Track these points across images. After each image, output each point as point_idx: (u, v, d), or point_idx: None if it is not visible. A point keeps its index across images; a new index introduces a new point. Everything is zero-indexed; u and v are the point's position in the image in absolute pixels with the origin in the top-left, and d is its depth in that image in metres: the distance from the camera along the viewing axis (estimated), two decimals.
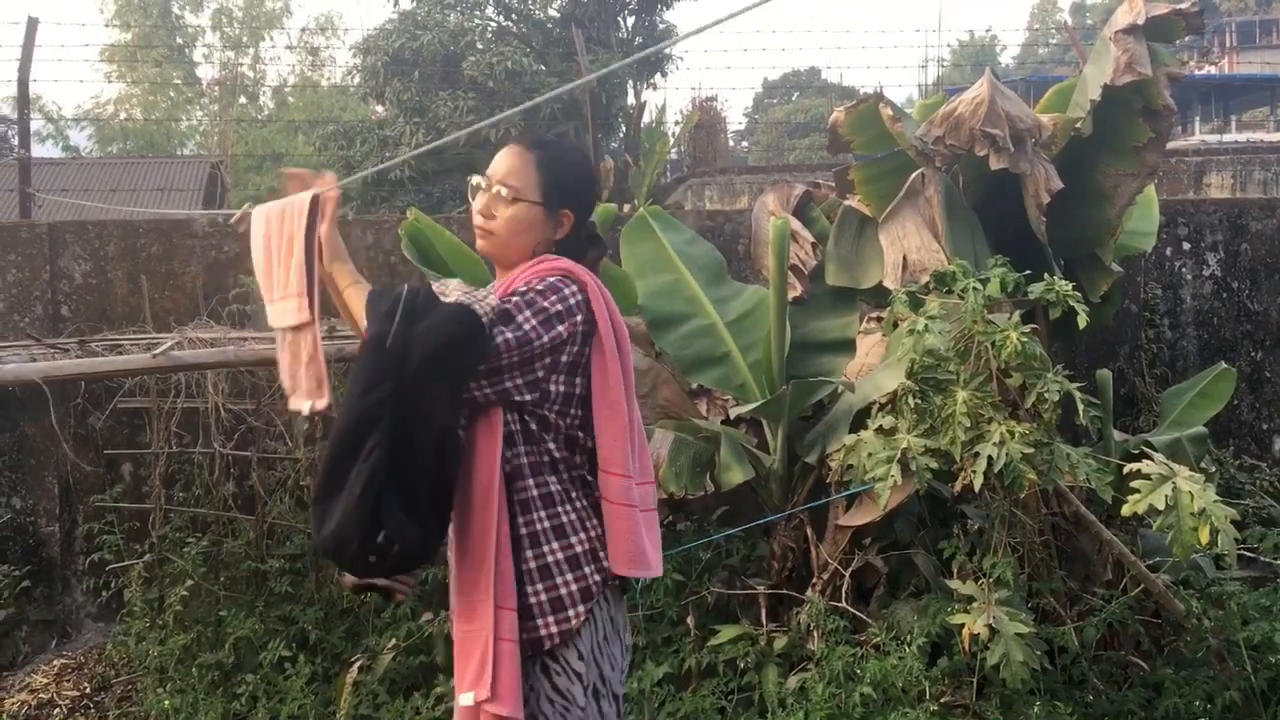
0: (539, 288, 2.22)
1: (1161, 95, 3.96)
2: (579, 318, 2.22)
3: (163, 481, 4.97)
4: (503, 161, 2.34)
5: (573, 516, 2.24)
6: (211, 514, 4.94)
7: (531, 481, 2.22)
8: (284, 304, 2.33)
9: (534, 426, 2.22)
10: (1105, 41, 4.01)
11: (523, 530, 2.20)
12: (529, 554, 2.19)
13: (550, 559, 2.20)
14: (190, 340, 4.14)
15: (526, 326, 2.15)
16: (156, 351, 3.49)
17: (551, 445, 2.25)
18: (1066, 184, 4.12)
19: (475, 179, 2.39)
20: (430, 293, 2.17)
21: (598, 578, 2.23)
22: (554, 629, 2.18)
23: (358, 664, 4.35)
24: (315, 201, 2.31)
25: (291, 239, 2.32)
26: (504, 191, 2.31)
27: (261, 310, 5.02)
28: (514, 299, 2.20)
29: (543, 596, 2.18)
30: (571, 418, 2.26)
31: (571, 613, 2.19)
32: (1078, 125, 4.20)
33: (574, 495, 2.26)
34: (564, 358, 2.21)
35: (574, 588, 2.20)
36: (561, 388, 2.23)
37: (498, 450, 2.18)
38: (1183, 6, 3.87)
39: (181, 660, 4.52)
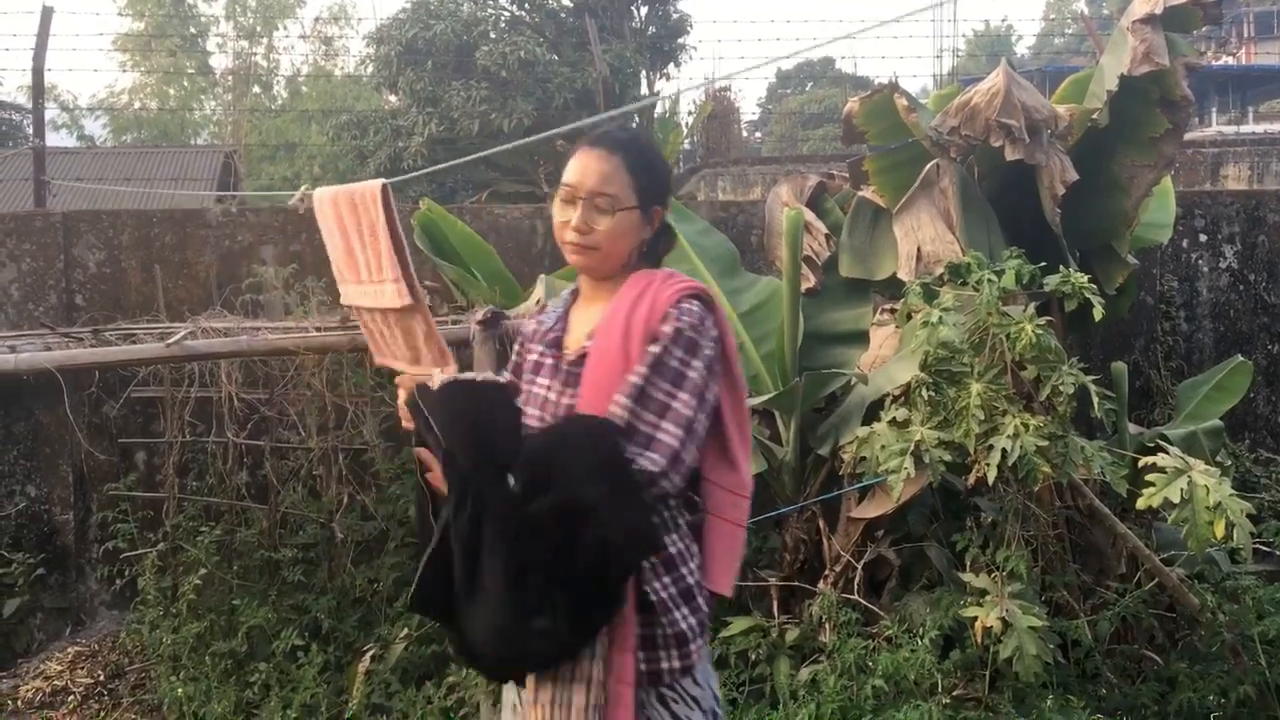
0: (689, 335, 2.06)
1: (1179, 86, 3.93)
2: (714, 351, 2.10)
3: (176, 470, 4.98)
4: (590, 169, 2.18)
5: (680, 546, 2.11)
6: (225, 503, 4.96)
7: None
8: (378, 287, 2.40)
9: None
10: (1122, 31, 3.98)
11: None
12: (645, 589, 2.05)
13: (665, 593, 2.07)
14: (203, 330, 4.15)
15: (697, 423, 2.03)
16: (170, 341, 3.49)
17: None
18: (1082, 175, 4.10)
19: (562, 193, 2.22)
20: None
21: (707, 608, 2.13)
22: (676, 663, 2.08)
23: (370, 653, 4.36)
24: (385, 191, 2.32)
25: (374, 225, 2.34)
26: (601, 202, 2.16)
27: (275, 299, 5.06)
28: (667, 374, 2.04)
29: (665, 631, 2.06)
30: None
31: (693, 646, 2.09)
32: (1094, 116, 4.17)
33: (680, 521, 2.13)
34: (710, 399, 2.09)
35: (692, 620, 2.09)
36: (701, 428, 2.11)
37: None
38: None
39: (195, 648, 4.54)
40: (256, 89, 34.55)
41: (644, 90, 17.80)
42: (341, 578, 4.74)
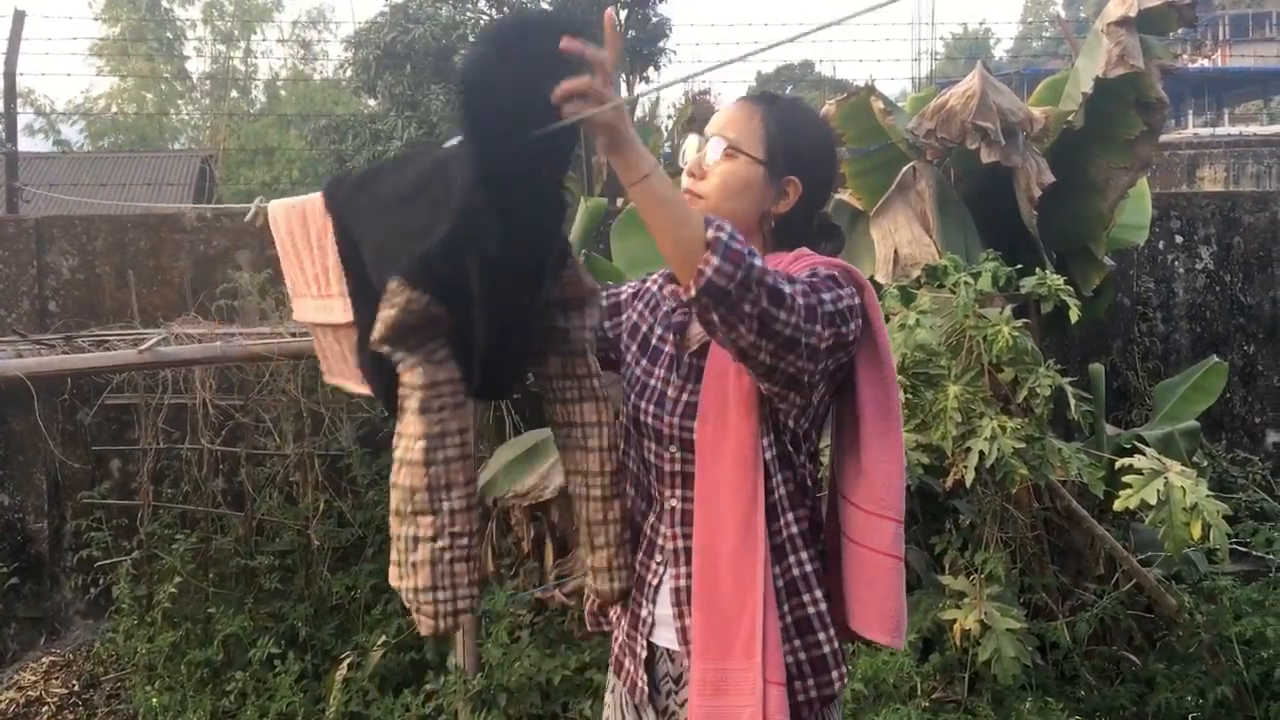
0: (807, 278, 1.77)
1: (1154, 88, 3.94)
2: (854, 324, 1.76)
3: (151, 478, 4.94)
4: (721, 115, 1.95)
5: (818, 563, 1.89)
6: (200, 510, 4.92)
7: (791, 516, 1.84)
8: (328, 301, 2.34)
9: (789, 446, 1.84)
10: (1097, 34, 3.99)
11: (780, 580, 1.83)
12: (785, 607, 1.82)
13: (810, 610, 1.84)
14: (177, 336, 4.11)
15: (814, 337, 1.69)
16: (143, 347, 3.46)
17: (807, 468, 1.88)
18: (1058, 177, 4.11)
19: (689, 143, 1.99)
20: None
21: (832, 648, 1.87)
22: (813, 693, 1.84)
23: (347, 661, 4.33)
24: (326, 199, 2.27)
25: (321, 237, 2.30)
26: (719, 145, 1.89)
27: (250, 304, 5.02)
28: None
29: (801, 655, 1.83)
30: (814, 440, 1.91)
31: (835, 674, 1.86)
32: (1070, 118, 4.18)
33: (807, 538, 1.88)
34: (830, 364, 1.76)
35: (836, 644, 1.86)
36: (818, 400, 1.84)
37: (758, 475, 1.79)
38: None
39: (170, 658, 4.50)
40: (234, 93, 34.39)
41: (623, 94, 17.76)
42: (318, 585, 4.71)
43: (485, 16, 17.82)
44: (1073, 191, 4.27)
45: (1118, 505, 3.17)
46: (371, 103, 18.72)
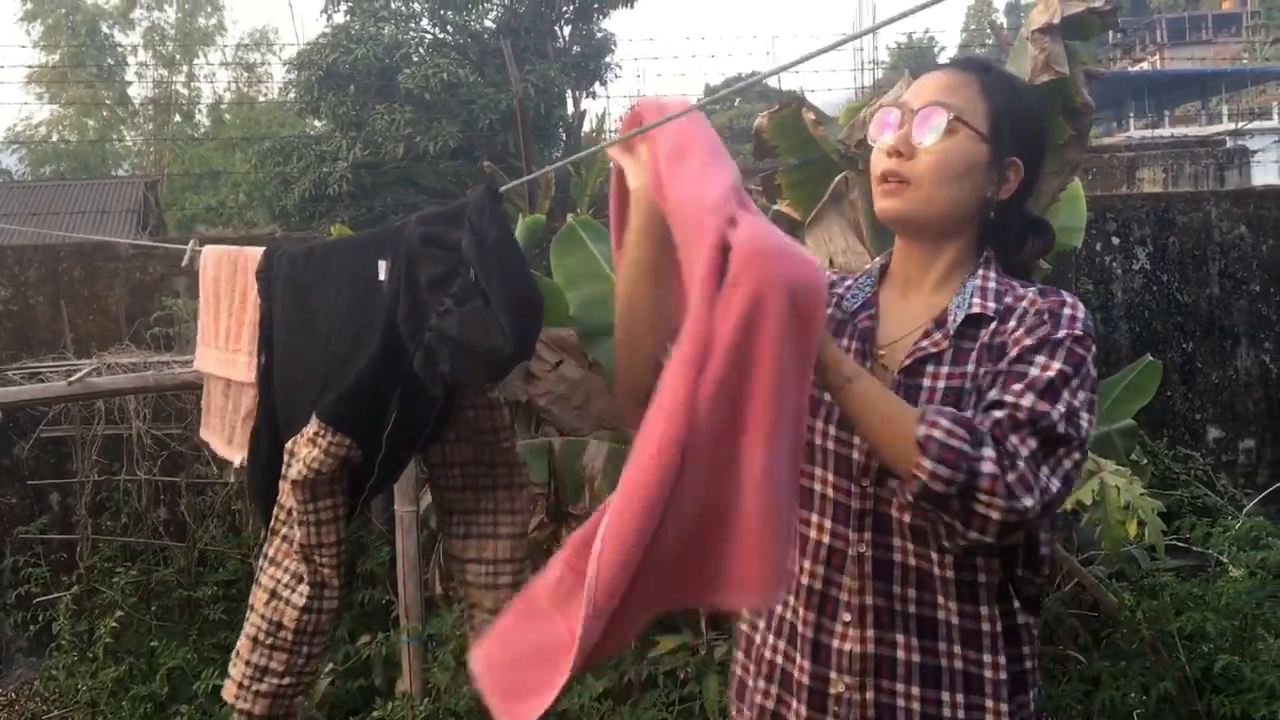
0: (1078, 331, 1.50)
1: (1080, 93, 3.98)
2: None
3: (90, 511, 4.86)
4: (928, 84, 1.61)
5: (1030, 664, 1.68)
6: (141, 542, 4.84)
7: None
8: (232, 356, 2.32)
9: None
10: (1023, 41, 4.03)
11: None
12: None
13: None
14: (109, 366, 4.05)
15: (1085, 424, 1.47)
16: (73, 379, 3.40)
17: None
18: None
19: (880, 117, 1.63)
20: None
21: None
22: None
23: None
24: (266, 261, 2.24)
25: (245, 294, 2.28)
26: (936, 116, 1.55)
27: (184, 333, 4.96)
28: (1067, 363, 1.46)
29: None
30: None
31: None
32: None
33: (1028, 624, 1.67)
34: None
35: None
36: None
37: None
38: (1097, 5, 3.89)
39: (114, 693, 4.42)
40: (178, 118, 34.05)
41: (569, 110, 17.80)
42: None
43: (428, 35, 17.79)
44: None
45: None
46: (317, 124, 18.61)
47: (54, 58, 32.74)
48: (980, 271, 1.61)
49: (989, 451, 1.36)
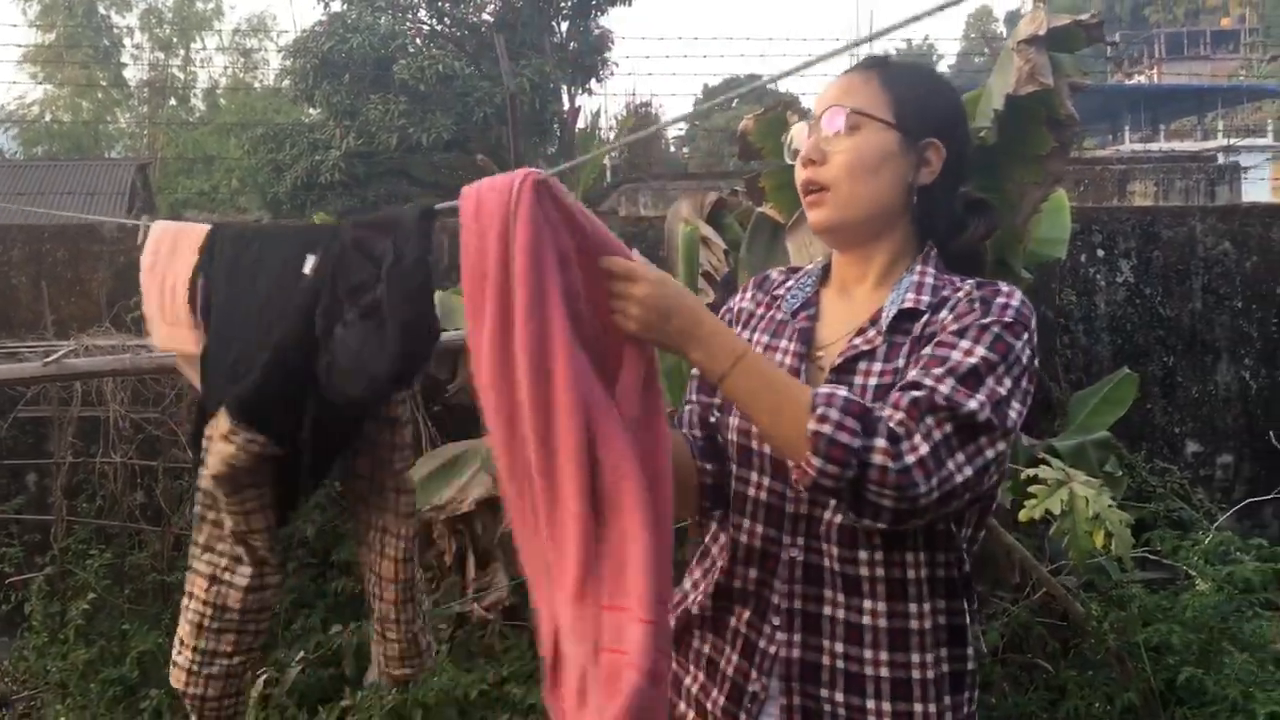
0: (1009, 318, 1.49)
1: (1064, 105, 4.00)
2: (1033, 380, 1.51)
3: (65, 492, 4.85)
4: (827, 92, 1.62)
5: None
6: (116, 525, 4.83)
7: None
8: (180, 332, 2.32)
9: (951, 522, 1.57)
10: (1009, 52, 4.05)
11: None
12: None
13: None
14: (87, 348, 4.05)
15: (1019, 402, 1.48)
16: (49, 359, 3.40)
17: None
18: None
19: (795, 132, 1.67)
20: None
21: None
22: None
23: (264, 677, 4.27)
24: (211, 238, 2.25)
25: (180, 272, 2.28)
26: (837, 115, 1.57)
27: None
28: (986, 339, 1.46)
29: None
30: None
31: None
32: (982, 134, 4.24)
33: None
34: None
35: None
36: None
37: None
38: (1083, 18, 3.92)
39: (83, 675, 4.41)
40: (173, 101, 33.95)
41: (565, 105, 17.80)
42: None
43: (425, 27, 17.77)
44: None
45: (1022, 516, 3.20)
46: (312, 112, 18.58)
47: (50, 37, 32.63)
48: (919, 267, 1.61)
49: (880, 441, 1.36)
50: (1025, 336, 1.49)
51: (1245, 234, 6.32)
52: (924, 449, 1.37)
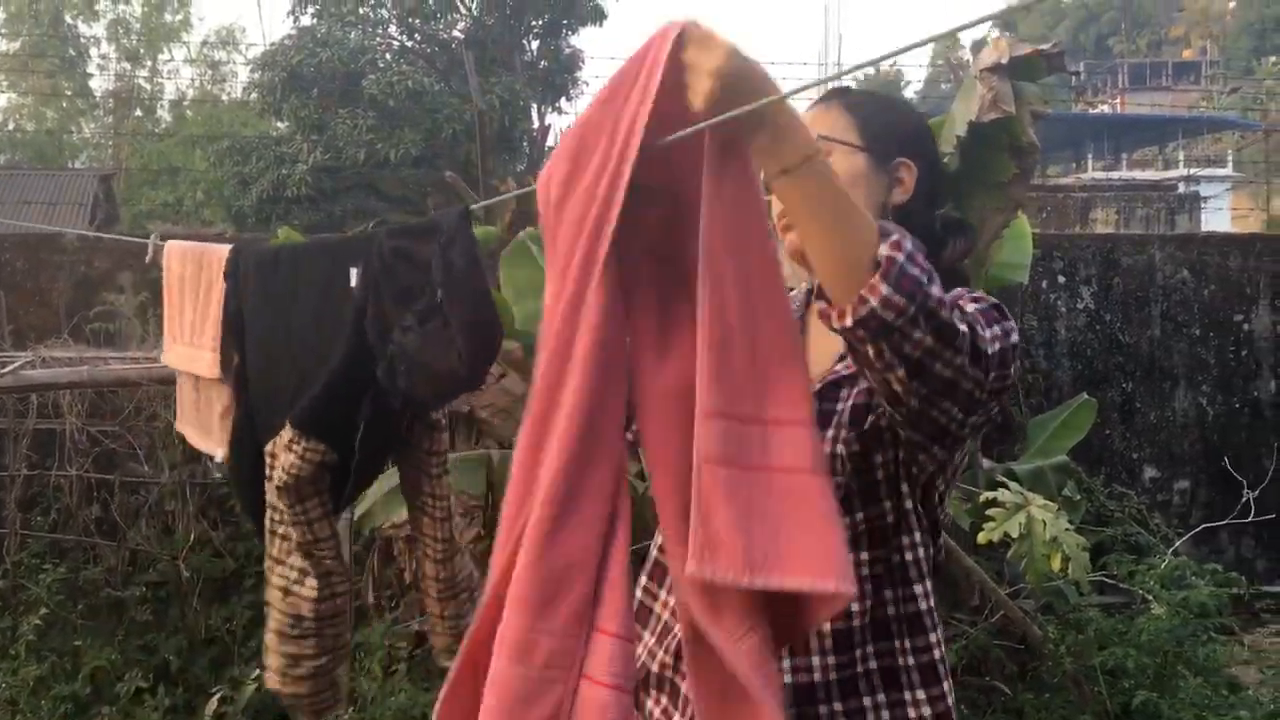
0: (975, 309, 1.42)
1: (1025, 132, 4.05)
2: (1014, 368, 1.45)
3: (19, 505, 4.78)
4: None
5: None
6: (70, 539, 4.77)
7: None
8: (195, 352, 2.36)
9: (916, 511, 1.56)
10: (972, 79, 4.10)
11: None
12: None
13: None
14: (45, 360, 4.00)
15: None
16: (5, 370, 3.36)
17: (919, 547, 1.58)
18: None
19: None
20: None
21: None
22: None
23: (219, 695, 4.23)
24: (234, 258, 2.26)
25: (210, 289, 2.30)
26: None
27: (125, 329, 4.91)
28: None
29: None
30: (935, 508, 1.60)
31: None
32: (945, 160, 4.28)
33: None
34: (981, 416, 1.45)
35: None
36: (959, 459, 1.57)
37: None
38: (1045, 48, 3.98)
39: (35, 691, 4.35)
40: (139, 112, 33.68)
41: (535, 124, 17.82)
42: (192, 617, 4.59)
43: (395, 42, 17.76)
44: None
45: (981, 538, 3.24)
46: (279, 125, 18.51)
47: (15, 45, 32.30)
48: None
49: (936, 289, 1.26)
50: (1009, 322, 1.44)
51: (1204, 262, 6.41)
52: (967, 308, 1.35)
